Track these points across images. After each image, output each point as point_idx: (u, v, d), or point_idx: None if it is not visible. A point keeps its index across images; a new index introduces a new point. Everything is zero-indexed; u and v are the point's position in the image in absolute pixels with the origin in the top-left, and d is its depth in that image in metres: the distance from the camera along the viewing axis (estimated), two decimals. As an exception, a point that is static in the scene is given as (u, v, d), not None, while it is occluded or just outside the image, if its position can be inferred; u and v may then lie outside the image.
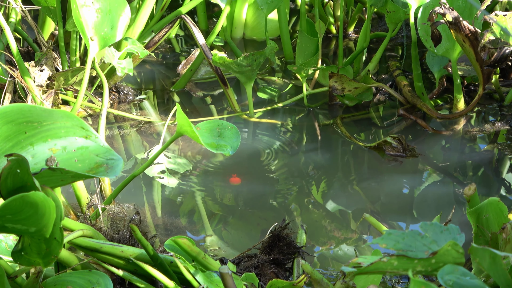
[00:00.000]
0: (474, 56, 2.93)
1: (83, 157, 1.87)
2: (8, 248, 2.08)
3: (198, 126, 2.45)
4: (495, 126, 3.16)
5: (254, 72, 3.13)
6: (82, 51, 3.25)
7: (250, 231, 2.63)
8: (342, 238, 2.60)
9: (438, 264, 1.59)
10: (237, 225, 2.66)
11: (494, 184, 2.86)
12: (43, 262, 1.76)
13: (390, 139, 3.00)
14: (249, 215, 2.71)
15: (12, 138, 1.84)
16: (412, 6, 3.09)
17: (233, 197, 2.79)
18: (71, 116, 1.91)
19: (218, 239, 2.58)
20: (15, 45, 2.94)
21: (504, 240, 1.85)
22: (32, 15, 3.38)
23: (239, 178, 2.86)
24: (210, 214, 2.70)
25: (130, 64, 2.91)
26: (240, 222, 2.67)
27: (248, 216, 2.70)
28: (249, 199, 2.78)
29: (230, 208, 2.74)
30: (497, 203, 1.90)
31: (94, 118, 3.18)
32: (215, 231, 2.62)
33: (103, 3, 2.71)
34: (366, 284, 2.02)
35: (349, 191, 2.84)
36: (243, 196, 2.79)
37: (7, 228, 1.69)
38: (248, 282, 2.07)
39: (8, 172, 1.66)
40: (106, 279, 1.85)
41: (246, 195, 2.81)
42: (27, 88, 2.95)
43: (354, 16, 3.79)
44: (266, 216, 2.70)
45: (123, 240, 2.35)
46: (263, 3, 3.35)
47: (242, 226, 2.65)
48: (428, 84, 3.38)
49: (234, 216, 2.70)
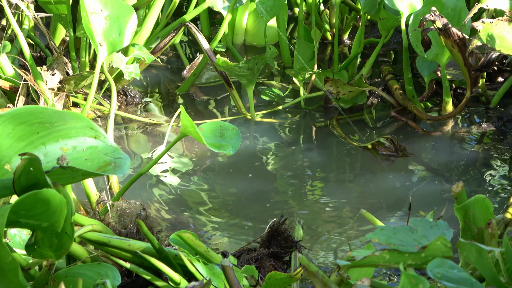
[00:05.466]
0: (462, 61, 2.93)
1: (92, 156, 1.88)
2: (22, 242, 2.09)
3: (201, 127, 2.46)
4: (482, 127, 3.16)
5: (255, 75, 3.14)
6: (92, 56, 3.26)
7: (250, 226, 2.63)
8: (338, 233, 2.60)
9: (428, 258, 1.59)
10: (238, 220, 2.66)
11: (480, 182, 2.86)
12: (55, 255, 1.76)
13: (383, 140, 3.01)
14: (249, 211, 2.71)
15: (26, 138, 1.85)
16: (404, 13, 3.09)
17: (234, 194, 2.79)
18: (81, 117, 1.91)
19: (220, 233, 2.58)
20: (28, 50, 2.94)
21: (489, 235, 1.85)
22: (44, 22, 3.38)
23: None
24: (212, 210, 2.70)
25: (137, 68, 2.92)
26: (240, 217, 2.67)
27: (248, 212, 2.70)
28: (249, 196, 2.78)
29: (231, 204, 2.74)
30: (483, 200, 1.90)
31: (103, 119, 3.18)
32: (217, 226, 2.62)
33: (111, 11, 2.71)
34: (360, 277, 2.02)
35: (344, 188, 2.84)
36: (243, 193, 2.80)
37: (21, 223, 1.70)
38: (248, 274, 2.07)
39: (21, 170, 1.66)
40: (114, 271, 1.85)
41: (246, 192, 2.81)
42: (40, 91, 2.96)
43: (348, 23, 3.79)
44: (265, 212, 2.70)
45: (130, 235, 2.35)
46: (263, 11, 3.35)
47: (242, 221, 2.65)
48: (419, 87, 3.38)
49: (234, 212, 2.70)
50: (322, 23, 3.75)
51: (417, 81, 3.40)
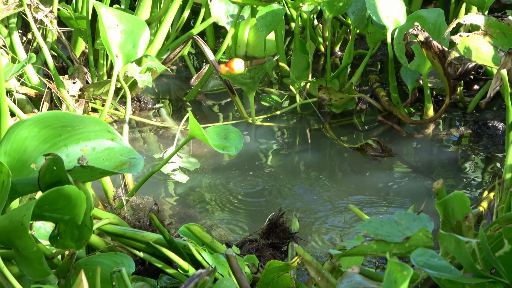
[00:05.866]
0: (442, 71, 2.93)
1: (109, 157, 1.88)
2: (46, 233, 2.09)
3: (207, 130, 2.46)
4: (460, 130, 3.16)
5: (255, 83, 3.14)
6: (109, 66, 3.26)
7: (251, 219, 2.63)
8: (330, 225, 2.60)
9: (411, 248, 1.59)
10: (240, 214, 2.66)
11: (458, 179, 2.86)
12: (76, 246, 1.76)
13: (371, 142, 3.00)
14: (250, 206, 2.70)
15: (49, 140, 1.85)
16: (389, 28, 3.09)
17: (236, 190, 2.79)
18: (99, 121, 1.91)
19: (224, 226, 2.58)
20: (51, 61, 2.94)
21: (467, 227, 1.85)
22: (66, 36, 3.38)
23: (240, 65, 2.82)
24: (217, 205, 2.70)
25: (149, 77, 2.92)
26: (242, 211, 2.67)
27: (249, 207, 2.70)
28: (250, 192, 2.78)
29: (234, 199, 2.74)
30: (461, 196, 1.90)
31: (119, 123, 3.18)
32: (221, 219, 2.62)
33: (126, 25, 2.71)
34: (350, 265, 2.02)
35: (336, 185, 2.84)
36: (245, 189, 2.79)
37: (45, 217, 1.70)
38: (249, 263, 2.07)
39: (46, 169, 1.66)
40: (129, 260, 1.85)
41: (248, 189, 2.80)
42: (62, 97, 2.96)
43: (340, 36, 3.79)
44: (265, 207, 2.70)
45: (144, 227, 2.35)
46: (262, 26, 3.35)
47: (244, 215, 2.65)
48: (403, 94, 3.38)
49: (237, 206, 2.70)
50: (316, 37, 3.75)
51: (401, 88, 3.40)
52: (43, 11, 2.97)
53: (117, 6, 3.23)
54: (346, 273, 1.69)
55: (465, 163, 2.96)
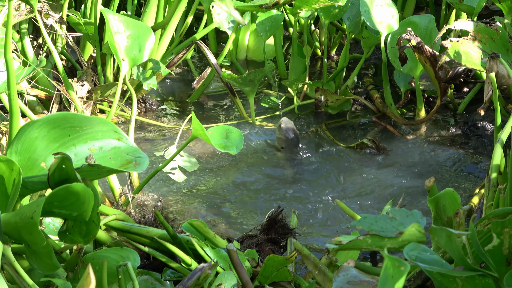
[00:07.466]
0: (433, 74, 2.93)
1: (116, 155, 1.87)
2: (55, 229, 2.08)
3: (209, 130, 2.45)
4: (450, 130, 3.15)
5: (255, 86, 3.13)
6: (115, 70, 3.25)
7: (251, 215, 2.62)
8: (327, 220, 2.59)
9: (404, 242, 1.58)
10: (240, 210, 2.65)
11: (449, 177, 2.86)
12: (84, 241, 1.75)
13: (366, 141, 3.00)
14: (250, 203, 2.70)
15: (59, 140, 1.84)
16: (383, 33, 3.09)
17: (237, 188, 2.79)
18: (106, 122, 1.90)
19: (226, 222, 2.58)
20: (61, 64, 2.93)
21: (457, 223, 1.84)
22: (75, 40, 3.38)
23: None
24: (219, 202, 2.70)
25: (154, 80, 2.91)
26: (243, 208, 2.66)
27: (249, 203, 2.70)
28: (250, 189, 2.78)
29: (235, 196, 2.73)
30: (452, 193, 1.90)
31: (125, 124, 3.18)
32: (223, 215, 2.62)
33: (132, 31, 2.70)
34: (346, 259, 2.02)
35: (332, 182, 2.83)
36: (245, 187, 2.79)
37: (54, 213, 1.69)
38: (250, 257, 2.07)
39: (55, 167, 1.66)
40: (134, 254, 1.85)
41: (248, 186, 2.80)
42: (71, 99, 2.95)
43: (335, 41, 3.78)
44: (264, 203, 2.70)
45: (148, 223, 2.35)
46: (262, 31, 3.35)
47: (244, 211, 2.65)
48: (396, 96, 3.37)
49: (238, 203, 2.70)
50: (313, 41, 3.74)
51: (394, 91, 3.40)
52: (53, 17, 2.96)
53: (123, 12, 3.23)
54: (342, 267, 1.68)
55: (455, 161, 2.96)
